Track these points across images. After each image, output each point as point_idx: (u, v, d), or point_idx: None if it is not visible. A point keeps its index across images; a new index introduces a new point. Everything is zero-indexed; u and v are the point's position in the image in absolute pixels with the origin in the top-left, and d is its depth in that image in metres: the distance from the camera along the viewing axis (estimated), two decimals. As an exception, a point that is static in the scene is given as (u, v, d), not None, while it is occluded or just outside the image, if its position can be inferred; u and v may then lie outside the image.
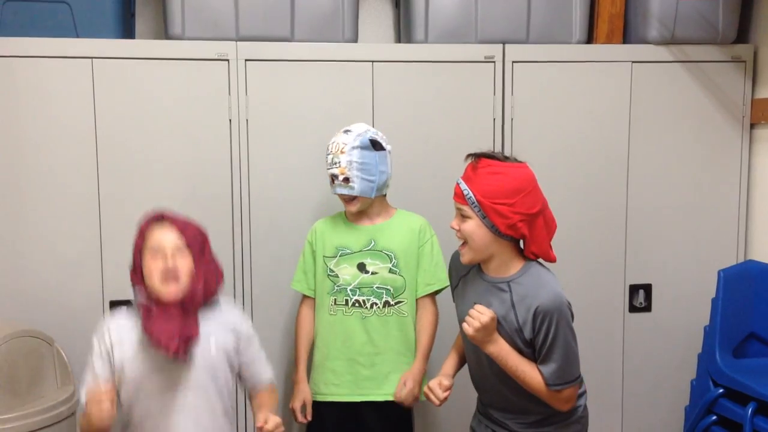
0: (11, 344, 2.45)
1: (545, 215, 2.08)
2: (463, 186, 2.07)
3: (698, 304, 3.16)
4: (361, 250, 2.58)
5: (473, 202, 2.03)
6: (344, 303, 2.57)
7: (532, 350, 2.06)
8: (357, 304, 2.56)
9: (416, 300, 2.63)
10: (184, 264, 2.03)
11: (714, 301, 2.98)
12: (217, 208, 2.88)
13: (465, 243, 2.10)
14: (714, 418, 2.90)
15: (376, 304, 2.56)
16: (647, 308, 3.20)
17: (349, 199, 2.55)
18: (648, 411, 3.25)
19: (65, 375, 2.61)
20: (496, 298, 2.08)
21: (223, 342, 2.12)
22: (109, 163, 2.81)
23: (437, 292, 2.65)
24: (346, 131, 2.54)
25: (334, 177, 2.51)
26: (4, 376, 2.40)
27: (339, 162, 2.49)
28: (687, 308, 3.22)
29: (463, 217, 2.07)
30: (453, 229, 2.12)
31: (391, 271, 2.57)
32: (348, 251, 2.58)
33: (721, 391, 2.87)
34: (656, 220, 3.17)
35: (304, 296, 2.68)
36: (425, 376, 2.60)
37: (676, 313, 3.21)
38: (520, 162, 2.10)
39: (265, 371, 2.25)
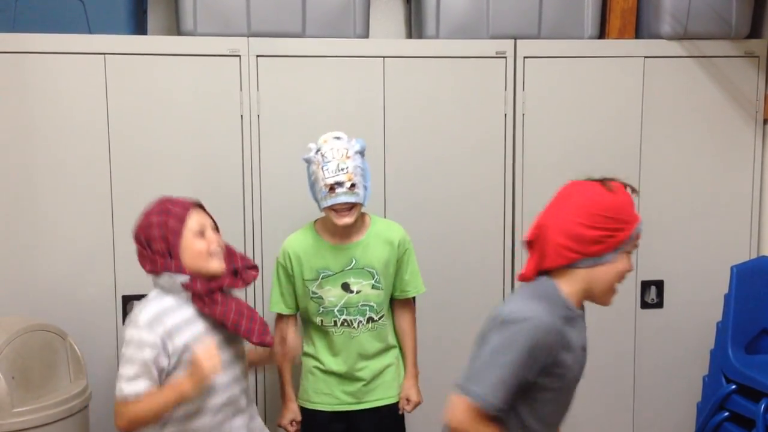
0: (25, 338, 2.47)
1: None
2: None
3: (710, 300, 3.15)
4: (342, 270, 2.49)
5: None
6: (332, 324, 2.53)
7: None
8: (345, 324, 2.53)
9: (393, 302, 2.62)
10: (221, 240, 2.11)
11: (726, 297, 2.97)
12: (229, 203, 2.89)
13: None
14: (726, 414, 2.89)
15: (361, 322, 2.53)
16: (659, 304, 3.18)
17: (347, 209, 2.40)
18: (660, 407, 3.24)
19: (78, 369, 2.62)
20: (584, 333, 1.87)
21: None
22: (121, 158, 2.82)
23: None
24: (337, 138, 2.43)
25: (337, 185, 2.35)
26: (18, 369, 2.41)
27: (347, 168, 2.36)
28: (699, 304, 3.20)
29: None
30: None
31: (374, 287, 2.52)
32: (330, 272, 2.49)
33: (733, 387, 2.86)
34: (668, 216, 3.16)
35: (281, 315, 2.59)
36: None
37: (688, 310, 3.20)
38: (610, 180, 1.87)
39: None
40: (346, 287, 2.51)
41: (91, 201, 2.81)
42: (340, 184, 2.36)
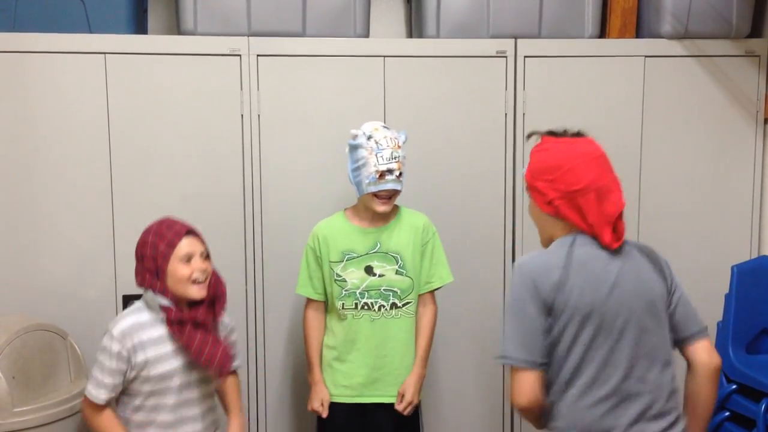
0: (25, 338, 2.47)
1: (599, 193, 1.82)
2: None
3: (711, 299, 3.13)
4: (367, 253, 2.56)
5: (525, 182, 1.93)
6: (353, 306, 2.55)
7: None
8: (366, 307, 2.55)
9: (417, 297, 2.64)
10: (209, 267, 2.23)
11: (727, 297, 2.97)
12: (229, 202, 2.89)
13: None
14: (727, 414, 2.89)
15: (384, 306, 2.55)
16: (659, 304, 3.18)
17: (387, 197, 2.50)
18: (660, 407, 3.23)
19: (79, 368, 2.62)
20: None
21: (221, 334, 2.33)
22: (121, 157, 2.82)
23: (437, 288, 2.66)
24: (386, 127, 2.53)
25: (388, 172, 2.45)
26: (19, 369, 2.41)
27: (399, 156, 2.47)
28: (699, 304, 3.13)
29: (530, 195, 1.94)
30: None
31: (397, 272, 2.56)
32: (354, 255, 2.56)
33: (734, 387, 2.86)
34: (669, 216, 3.15)
35: (309, 300, 2.64)
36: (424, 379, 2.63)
37: (688, 309, 3.19)
38: (581, 136, 1.95)
39: (237, 356, 2.45)
40: (369, 270, 2.55)
41: (92, 200, 2.81)
42: (390, 171, 2.46)
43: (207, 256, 2.23)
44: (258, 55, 2.86)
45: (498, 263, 3.08)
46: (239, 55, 2.85)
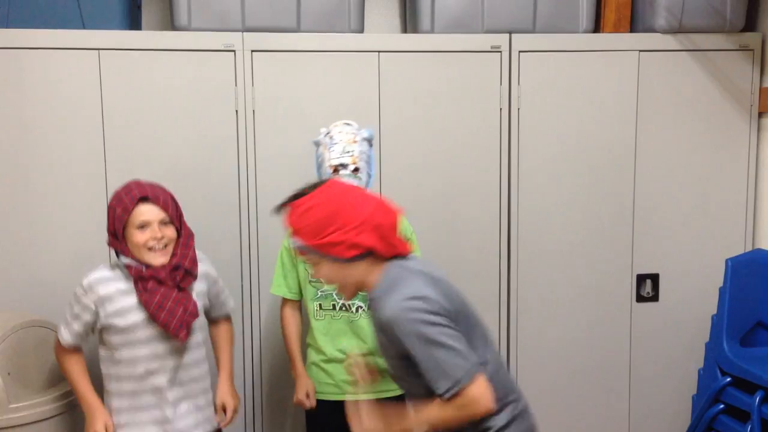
0: (20, 334, 2.47)
1: (378, 211, 1.86)
2: (293, 242, 1.89)
3: (706, 293, 3.16)
4: None
5: (309, 250, 1.85)
6: (331, 308, 2.54)
7: (409, 362, 1.82)
8: (344, 308, 2.54)
9: None
10: (169, 233, 2.26)
11: (721, 290, 2.98)
12: (224, 197, 2.89)
13: (335, 287, 1.95)
14: (721, 406, 2.91)
15: (361, 307, 2.54)
16: (654, 298, 3.19)
17: None
18: (655, 400, 3.25)
19: (75, 365, 2.62)
20: (372, 321, 1.93)
21: (200, 291, 2.38)
22: (116, 153, 2.82)
23: None
24: (347, 123, 2.51)
25: (341, 166, 2.43)
26: (14, 365, 2.41)
27: (352, 151, 2.43)
28: (694, 297, 3.21)
29: (315, 264, 1.90)
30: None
31: None
32: None
33: (728, 379, 2.87)
34: (663, 210, 3.16)
35: (285, 299, 2.63)
36: None
37: (683, 303, 3.21)
38: (323, 181, 1.94)
39: (228, 301, 2.56)
40: None
41: (86, 196, 2.81)
42: (344, 165, 2.43)
43: (168, 223, 2.25)
44: (252, 51, 2.86)
45: (493, 256, 3.08)
46: (233, 51, 2.85)
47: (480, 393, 1.75)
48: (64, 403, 2.49)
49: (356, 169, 2.44)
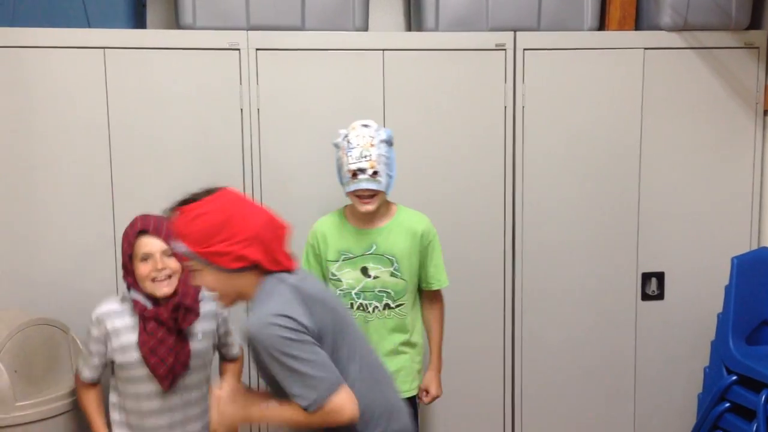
0: (27, 332, 2.48)
1: (269, 225, 1.89)
2: (175, 243, 1.87)
3: (711, 291, 3.15)
4: (363, 254, 2.54)
5: (193, 256, 1.84)
6: (349, 307, 2.55)
7: None
8: (361, 308, 2.55)
9: (422, 294, 2.64)
10: (172, 264, 2.30)
11: (727, 289, 2.97)
12: (229, 197, 2.89)
13: (214, 295, 1.93)
14: (727, 405, 2.90)
15: (377, 307, 2.55)
16: (660, 296, 3.19)
17: (368, 197, 2.45)
18: (661, 398, 3.24)
19: (80, 363, 2.63)
20: None
21: (209, 329, 2.43)
22: (121, 152, 2.82)
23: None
24: (365, 125, 2.48)
25: (359, 171, 2.41)
26: (21, 363, 2.42)
27: (370, 155, 2.41)
28: (700, 296, 3.21)
29: (195, 271, 1.88)
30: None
31: (392, 274, 2.54)
32: (350, 255, 2.55)
33: (734, 378, 2.87)
34: (668, 208, 3.16)
35: None
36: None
37: (689, 301, 3.20)
38: (217, 190, 1.91)
39: (234, 347, 2.59)
40: (364, 271, 2.54)
41: (92, 194, 2.82)
42: (362, 170, 2.42)
43: (172, 254, 2.29)
44: (257, 49, 2.86)
45: (498, 254, 3.08)
46: (238, 50, 2.85)
47: (343, 402, 1.78)
48: (70, 401, 2.50)
49: (375, 173, 2.42)
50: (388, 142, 2.50)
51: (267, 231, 1.86)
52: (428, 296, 2.66)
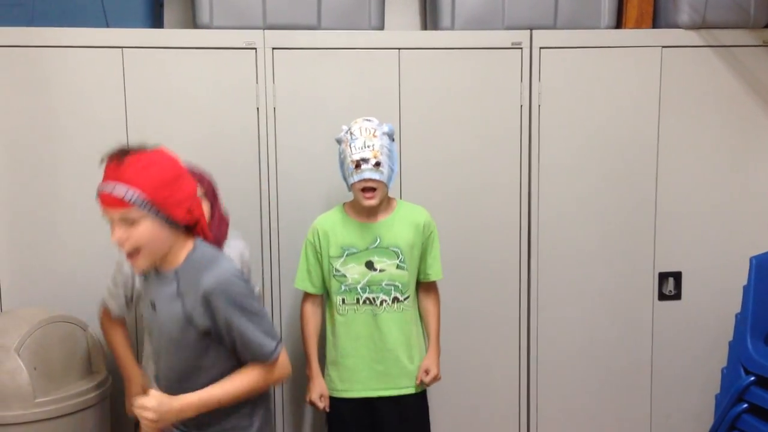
0: (46, 329, 2.50)
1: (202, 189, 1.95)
2: (120, 189, 1.76)
3: (729, 291, 3.13)
4: (367, 248, 2.56)
5: (143, 203, 1.76)
6: (355, 302, 2.56)
7: (209, 338, 1.85)
8: (368, 302, 2.56)
9: (417, 285, 2.66)
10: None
11: (745, 288, 2.95)
12: (245, 195, 2.90)
13: (136, 252, 1.83)
14: (745, 405, 2.88)
15: (386, 300, 2.56)
16: (677, 296, 3.17)
17: (370, 190, 2.48)
18: (678, 399, 3.22)
19: (99, 360, 2.65)
20: (164, 290, 1.89)
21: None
22: (139, 151, 2.84)
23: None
24: (367, 119, 2.53)
25: (362, 161, 2.44)
26: (40, 360, 2.44)
27: (373, 145, 2.45)
28: (718, 296, 3.18)
29: (129, 223, 1.79)
30: (118, 243, 1.83)
31: (398, 267, 2.56)
32: (354, 250, 2.56)
33: (752, 378, 2.84)
34: (686, 207, 3.14)
35: (307, 294, 2.65)
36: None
37: (706, 301, 3.18)
38: (148, 145, 1.90)
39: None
40: (369, 265, 2.55)
41: (110, 194, 2.83)
42: (365, 160, 2.44)
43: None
44: (273, 48, 2.87)
45: (514, 253, 3.07)
46: (255, 49, 2.86)
47: (285, 354, 1.90)
48: (89, 398, 2.51)
49: (378, 164, 2.45)
50: (390, 136, 2.53)
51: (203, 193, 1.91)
52: (425, 287, 2.69)
